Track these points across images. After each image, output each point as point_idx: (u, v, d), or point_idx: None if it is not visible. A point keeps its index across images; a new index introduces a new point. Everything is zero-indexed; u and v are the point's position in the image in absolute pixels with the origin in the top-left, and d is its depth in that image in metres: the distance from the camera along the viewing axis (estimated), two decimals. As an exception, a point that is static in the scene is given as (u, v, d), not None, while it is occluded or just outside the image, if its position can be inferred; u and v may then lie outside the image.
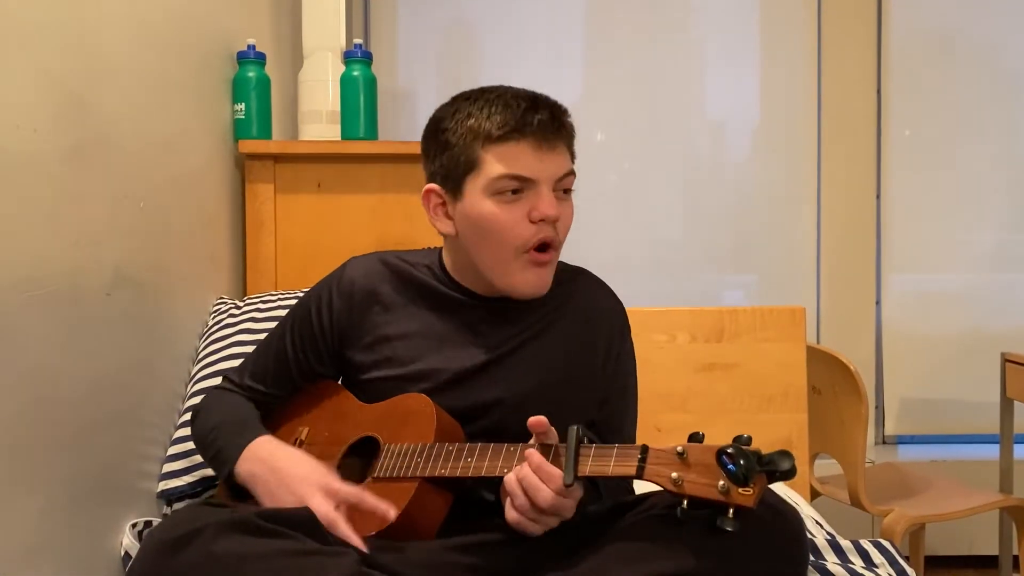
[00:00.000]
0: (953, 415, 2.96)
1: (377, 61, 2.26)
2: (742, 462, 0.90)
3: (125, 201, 1.42)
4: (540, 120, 1.14)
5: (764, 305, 2.00)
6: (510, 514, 1.02)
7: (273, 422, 1.32)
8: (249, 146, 2.01)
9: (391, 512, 1.06)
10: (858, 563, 1.29)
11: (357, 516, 1.09)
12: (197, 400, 1.58)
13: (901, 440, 3.00)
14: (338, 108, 2.10)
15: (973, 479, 2.36)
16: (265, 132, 2.05)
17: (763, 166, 3.01)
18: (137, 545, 1.36)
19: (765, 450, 0.93)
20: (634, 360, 1.33)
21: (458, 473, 1.07)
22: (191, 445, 1.52)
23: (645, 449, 0.97)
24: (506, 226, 1.15)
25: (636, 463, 0.96)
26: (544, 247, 1.17)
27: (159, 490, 1.51)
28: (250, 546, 0.92)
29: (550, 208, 1.14)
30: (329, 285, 1.30)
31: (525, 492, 1.00)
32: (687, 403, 1.94)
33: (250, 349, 1.63)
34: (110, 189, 1.37)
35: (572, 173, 1.19)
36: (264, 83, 2.03)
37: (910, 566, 1.30)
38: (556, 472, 0.99)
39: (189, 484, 1.51)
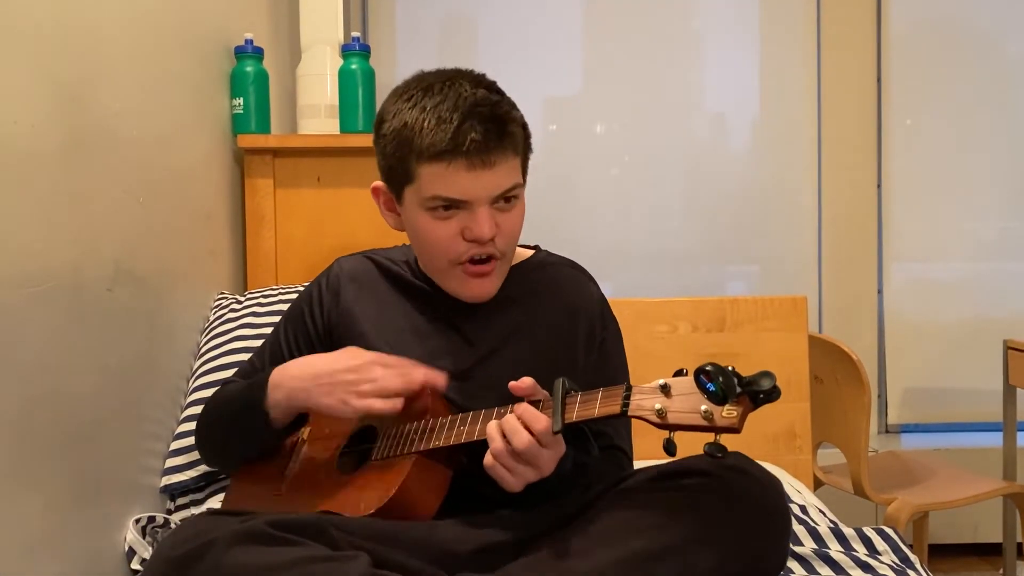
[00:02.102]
0: (956, 403, 2.96)
1: (375, 54, 2.25)
2: (721, 379, 0.88)
3: (124, 196, 1.42)
4: (474, 140, 1.07)
5: (766, 295, 2.00)
6: (486, 459, 1.02)
7: None
8: (248, 141, 2.01)
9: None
10: (861, 551, 1.29)
11: (356, 495, 1.10)
12: (199, 395, 1.59)
13: (904, 428, 3.00)
14: (336, 102, 2.09)
15: (976, 467, 2.36)
16: (264, 127, 2.04)
17: (764, 156, 3.00)
18: (140, 540, 1.36)
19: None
20: (620, 345, 1.31)
21: (451, 441, 1.07)
22: (193, 440, 1.52)
23: (629, 387, 0.97)
24: (440, 241, 1.13)
25: (620, 401, 0.96)
26: (481, 260, 1.15)
27: (162, 485, 1.52)
28: (262, 556, 0.91)
29: (483, 230, 1.11)
30: (319, 282, 1.31)
31: (504, 435, 1.00)
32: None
33: (251, 344, 1.63)
34: (109, 184, 1.37)
35: (517, 185, 1.14)
36: (262, 77, 2.03)
37: (913, 553, 1.30)
38: (538, 415, 0.99)
39: (192, 479, 1.51)
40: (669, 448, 0.91)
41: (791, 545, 1.28)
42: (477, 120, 1.08)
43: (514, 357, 1.20)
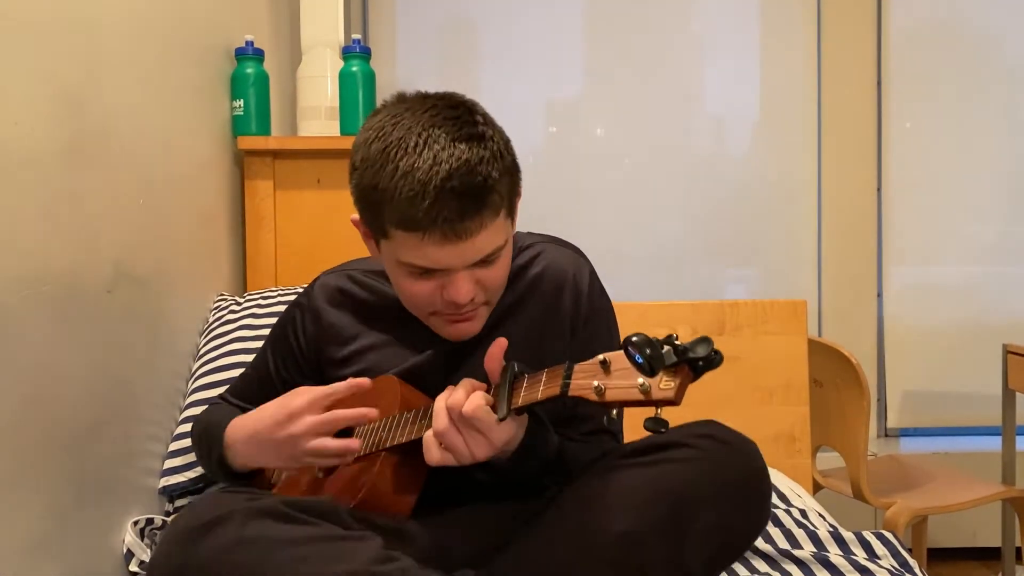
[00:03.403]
0: (955, 407, 2.96)
1: (376, 56, 2.26)
2: (648, 351, 0.84)
3: (124, 198, 1.42)
4: (446, 217, 0.99)
5: (765, 298, 2.00)
6: (426, 435, 1.01)
7: None
8: (248, 142, 2.01)
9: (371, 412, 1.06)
10: (861, 555, 1.29)
11: (332, 496, 1.10)
12: (198, 396, 1.59)
13: (903, 432, 3.00)
14: (337, 104, 2.09)
15: (975, 471, 2.36)
16: (264, 128, 2.04)
17: (763, 159, 3.00)
18: (139, 542, 1.36)
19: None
20: (609, 320, 1.26)
21: (414, 436, 1.05)
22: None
23: (570, 366, 0.93)
24: (418, 297, 1.09)
25: (561, 382, 0.92)
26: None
27: (160, 486, 1.51)
28: (278, 531, 0.92)
29: (459, 296, 1.05)
30: (300, 307, 1.28)
31: (448, 410, 0.98)
32: (689, 396, 1.92)
33: (250, 345, 1.64)
34: (109, 186, 1.37)
35: (498, 248, 1.07)
36: (263, 79, 2.03)
37: (912, 558, 1.30)
38: (478, 402, 0.96)
39: (190, 480, 1.51)
40: (653, 426, 0.86)
41: (790, 548, 1.28)
42: (451, 194, 0.99)
43: (507, 350, 1.18)
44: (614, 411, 0.90)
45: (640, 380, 0.85)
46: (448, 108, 1.05)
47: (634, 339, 0.85)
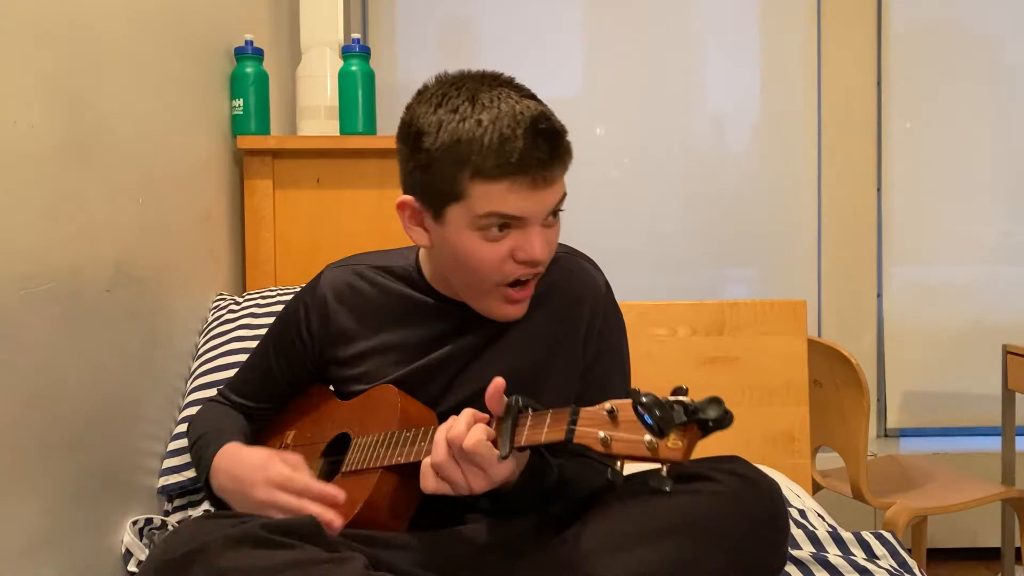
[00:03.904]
0: (955, 407, 2.96)
1: (375, 55, 2.26)
2: (657, 412, 0.83)
3: (123, 197, 1.42)
4: (540, 159, 1.02)
5: (765, 298, 2.00)
6: (424, 463, 1.00)
7: (264, 431, 1.34)
8: (247, 142, 2.01)
9: (339, 495, 1.04)
10: (860, 555, 1.29)
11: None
12: (197, 396, 1.59)
13: (903, 432, 3.00)
14: (336, 103, 2.09)
15: (975, 471, 2.36)
16: (263, 128, 2.04)
17: (763, 159, 3.00)
18: (137, 542, 1.36)
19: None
20: (620, 334, 1.26)
21: (412, 458, 1.04)
22: (191, 441, 1.53)
23: (576, 411, 0.92)
24: (488, 263, 1.07)
25: (566, 427, 0.90)
26: (523, 282, 1.11)
27: (159, 485, 1.51)
28: (255, 559, 0.90)
29: (538, 251, 1.06)
30: (305, 302, 1.26)
31: (448, 443, 0.97)
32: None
33: (249, 344, 1.63)
34: (108, 185, 1.37)
35: (564, 196, 1.09)
36: (262, 79, 2.03)
37: (912, 558, 1.30)
38: (478, 440, 0.95)
39: (189, 479, 1.51)
40: (658, 485, 0.85)
41: (789, 549, 1.28)
42: (542, 136, 1.03)
43: (517, 353, 1.17)
44: (619, 463, 0.88)
45: (648, 437, 0.85)
46: (499, 76, 1.11)
47: (644, 400, 0.84)
